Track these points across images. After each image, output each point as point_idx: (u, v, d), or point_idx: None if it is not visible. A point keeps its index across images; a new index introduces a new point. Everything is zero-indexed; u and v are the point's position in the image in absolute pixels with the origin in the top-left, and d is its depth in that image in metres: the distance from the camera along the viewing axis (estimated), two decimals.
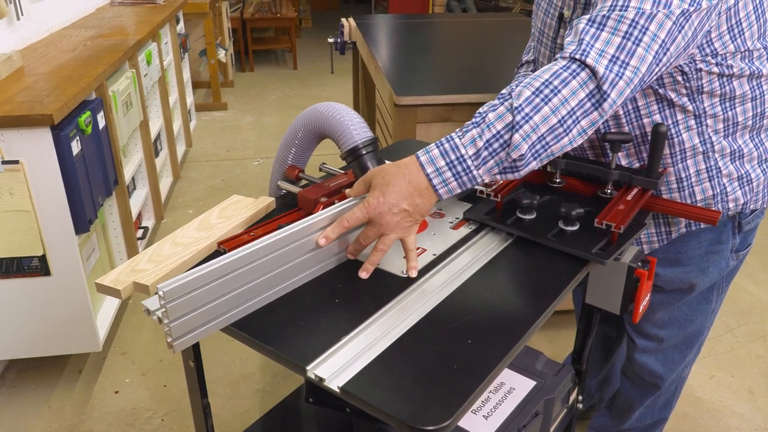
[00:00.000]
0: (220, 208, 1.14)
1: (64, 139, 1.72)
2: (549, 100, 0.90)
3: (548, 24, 1.24)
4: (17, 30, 2.37)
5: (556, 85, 0.90)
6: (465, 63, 2.39)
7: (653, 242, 1.26)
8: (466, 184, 0.93)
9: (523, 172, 0.93)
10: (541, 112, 0.90)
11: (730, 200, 1.20)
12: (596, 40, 0.92)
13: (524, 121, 0.90)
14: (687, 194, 1.18)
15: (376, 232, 0.94)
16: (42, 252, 1.77)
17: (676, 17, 0.93)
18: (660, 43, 0.92)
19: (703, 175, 1.17)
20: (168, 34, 3.45)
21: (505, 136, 0.91)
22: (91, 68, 2.11)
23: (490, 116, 0.92)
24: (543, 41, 1.27)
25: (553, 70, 0.92)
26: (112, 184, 2.16)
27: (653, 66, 0.93)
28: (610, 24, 0.92)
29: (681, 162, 1.15)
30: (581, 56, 0.91)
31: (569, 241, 1.02)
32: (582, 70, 0.91)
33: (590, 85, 0.90)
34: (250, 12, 6.05)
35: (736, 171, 1.18)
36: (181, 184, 3.54)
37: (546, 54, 1.27)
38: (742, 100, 1.12)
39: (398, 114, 1.84)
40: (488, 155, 0.91)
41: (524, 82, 0.93)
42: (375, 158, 1.10)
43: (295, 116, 1.19)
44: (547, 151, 0.92)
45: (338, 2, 9.88)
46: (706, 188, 1.18)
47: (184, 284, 0.77)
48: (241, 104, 5.01)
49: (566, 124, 0.91)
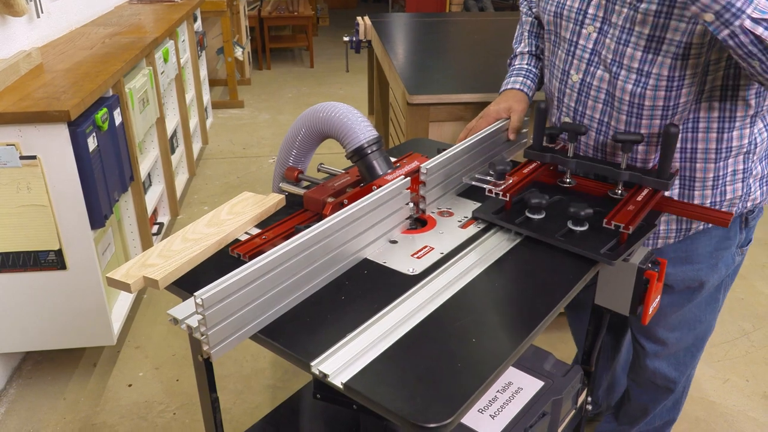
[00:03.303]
0: (231, 204, 1.15)
1: (81, 135, 1.75)
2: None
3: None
4: (37, 27, 2.40)
5: None
6: (479, 62, 2.39)
7: (670, 237, 1.24)
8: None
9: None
10: None
11: (750, 199, 1.19)
12: None
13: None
14: (719, 192, 1.17)
15: None
16: (58, 246, 1.79)
17: None
18: None
19: (738, 176, 1.16)
20: (185, 32, 3.48)
21: None
22: (108, 65, 2.14)
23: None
24: (563, 13, 1.19)
25: None
26: (128, 180, 2.18)
27: None
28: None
29: (723, 160, 1.14)
30: None
31: (578, 242, 1.01)
32: None
33: None
34: (267, 10, 6.08)
35: (762, 171, 1.18)
36: (197, 180, 3.57)
37: (569, 27, 1.17)
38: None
39: (411, 112, 1.84)
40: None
41: None
42: (381, 156, 1.10)
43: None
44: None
45: (356, 1, 9.89)
46: (737, 188, 1.17)
47: (221, 291, 0.77)
48: (258, 102, 5.04)
49: None
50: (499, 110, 1.33)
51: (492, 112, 1.34)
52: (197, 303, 0.75)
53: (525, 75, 1.38)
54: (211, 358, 0.80)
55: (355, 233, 0.98)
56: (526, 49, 1.42)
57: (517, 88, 1.37)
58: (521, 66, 1.40)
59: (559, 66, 1.23)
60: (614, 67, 1.12)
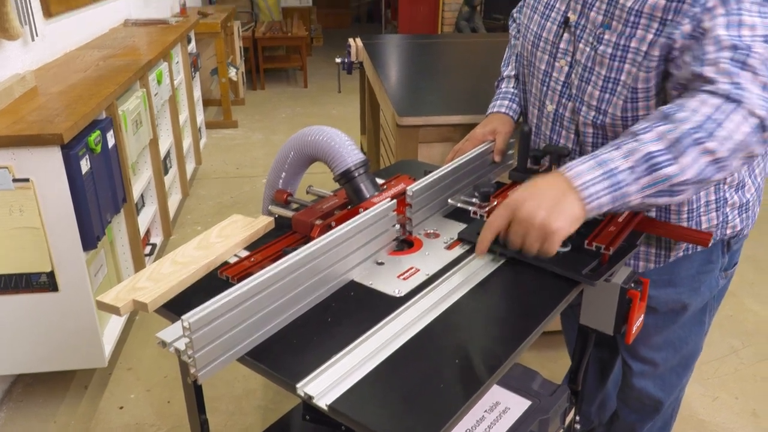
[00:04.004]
0: (220, 227, 1.17)
1: (74, 158, 1.76)
2: (714, 133, 0.89)
3: (547, 27, 1.21)
4: (31, 50, 2.43)
5: (720, 120, 0.89)
6: (469, 83, 2.42)
7: (650, 261, 1.27)
8: (617, 200, 0.90)
9: (678, 199, 0.92)
10: (708, 143, 0.89)
11: (729, 227, 1.22)
12: (744, 79, 0.91)
13: (692, 147, 0.89)
14: (694, 223, 1.20)
15: (521, 228, 0.93)
16: (50, 268, 1.80)
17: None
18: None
19: (711, 206, 1.19)
20: (179, 54, 3.52)
21: (666, 156, 0.89)
22: (102, 88, 2.16)
23: (647, 135, 0.91)
24: (539, 44, 1.24)
25: (712, 103, 0.91)
26: (121, 201, 2.20)
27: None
28: (752, 62, 0.91)
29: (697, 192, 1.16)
30: (737, 96, 0.90)
31: (560, 262, 1.03)
32: (740, 107, 0.90)
33: (753, 121, 0.90)
34: (261, 31, 6.14)
35: (739, 200, 1.20)
36: (190, 201, 3.59)
37: (544, 59, 1.23)
38: None
39: (400, 134, 1.87)
40: (645, 171, 0.89)
41: (682, 114, 0.91)
42: (368, 179, 1.12)
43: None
44: (705, 183, 0.92)
45: (349, 21, 10.00)
46: (711, 218, 1.20)
47: (208, 314, 0.78)
48: (252, 122, 5.08)
49: (729, 159, 0.90)
50: (485, 133, 1.36)
51: (478, 134, 1.37)
52: (184, 326, 0.76)
53: (510, 98, 1.41)
54: (198, 381, 0.81)
55: (342, 255, 0.99)
56: (513, 72, 1.45)
57: (502, 112, 1.40)
58: (507, 90, 1.43)
59: (536, 95, 1.27)
60: (577, 102, 1.17)
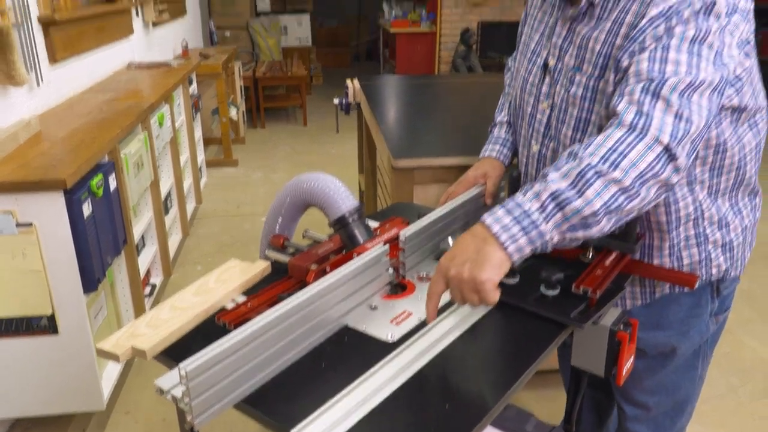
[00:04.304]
0: (219, 272, 1.19)
1: (76, 202, 1.80)
2: (618, 163, 0.93)
3: (533, 71, 1.28)
4: (37, 96, 2.49)
5: (624, 150, 0.93)
6: (464, 124, 2.48)
7: (636, 299, 1.29)
8: (535, 241, 0.93)
9: (595, 230, 0.94)
10: (612, 174, 0.92)
11: (713, 266, 1.24)
12: (654, 109, 0.96)
13: (595, 178, 0.92)
14: (675, 258, 1.22)
15: (456, 286, 0.95)
16: (51, 311, 1.82)
17: (717, 81, 0.99)
18: (707, 105, 0.98)
19: (691, 241, 1.21)
20: (181, 96, 3.60)
21: (570, 192, 0.92)
22: (104, 132, 2.21)
23: (553, 175, 0.95)
24: (527, 88, 1.30)
25: (616, 136, 0.95)
26: (121, 243, 2.23)
27: (709, 117, 0.99)
28: (664, 92, 0.97)
29: (675, 229, 1.20)
30: (644, 126, 0.95)
31: (550, 306, 1.06)
32: (645, 135, 0.94)
33: (657, 148, 0.94)
34: (262, 71, 6.26)
35: (721, 238, 1.23)
36: (191, 240, 3.62)
37: (530, 101, 1.29)
38: (729, 168, 1.18)
39: (395, 176, 1.91)
40: (554, 208, 0.93)
41: (587, 151, 0.95)
42: (362, 225, 1.16)
43: (304, 172, 1.25)
44: (619, 212, 0.94)
45: (349, 59, 10.18)
46: (693, 253, 1.22)
47: (204, 362, 0.80)
48: (252, 160, 5.14)
49: (637, 187, 0.93)
50: (476, 176, 1.41)
51: (470, 177, 1.41)
52: (181, 375, 0.79)
53: (502, 143, 1.46)
54: (195, 428, 0.82)
55: (336, 301, 1.02)
56: (506, 119, 1.51)
57: (494, 156, 1.44)
58: (499, 135, 1.48)
59: (525, 136, 1.32)
60: (555, 142, 1.23)
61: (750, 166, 1.21)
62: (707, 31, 1.00)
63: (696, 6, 1.01)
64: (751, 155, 1.20)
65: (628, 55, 1.06)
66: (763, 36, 6.73)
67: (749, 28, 1.09)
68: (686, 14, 1.01)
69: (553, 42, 1.22)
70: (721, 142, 1.14)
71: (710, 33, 1.00)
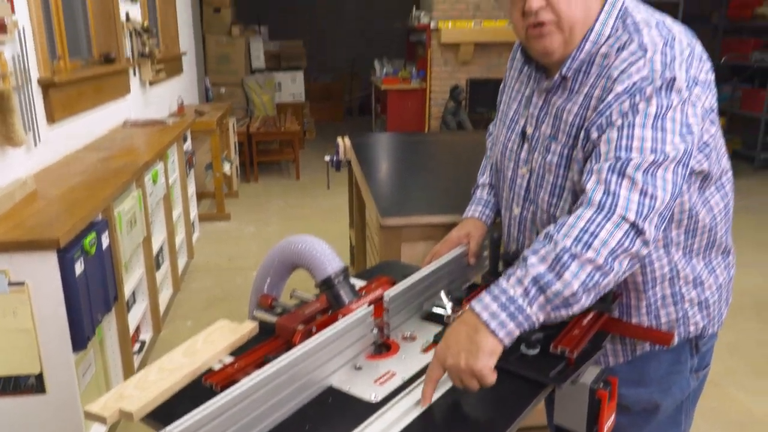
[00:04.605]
0: (207, 333, 1.22)
1: (69, 261, 1.83)
2: (590, 244, 1.00)
3: (512, 139, 1.34)
4: (34, 155, 2.55)
5: (594, 230, 1.01)
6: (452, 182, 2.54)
7: (618, 356, 1.32)
8: (523, 324, 1.01)
9: (577, 308, 1.02)
10: (586, 254, 1.00)
11: (691, 324, 1.28)
12: (620, 188, 1.03)
13: (571, 261, 1.00)
14: (653, 317, 1.26)
15: (455, 374, 1.01)
16: (39, 370, 1.83)
17: (681, 153, 1.06)
18: (672, 179, 1.05)
19: (668, 300, 1.26)
20: (175, 153, 3.67)
21: (549, 275, 1.00)
22: (99, 190, 2.26)
23: (532, 259, 1.02)
24: (507, 154, 1.36)
25: (586, 217, 1.03)
26: (112, 300, 2.24)
27: (675, 189, 1.06)
28: (629, 171, 1.04)
29: (652, 288, 1.24)
30: (611, 206, 1.02)
31: (530, 365, 1.09)
32: (613, 214, 1.02)
33: (625, 225, 1.01)
34: (256, 126, 6.38)
35: (697, 297, 1.27)
36: (182, 294, 3.63)
37: (510, 166, 1.35)
38: (702, 230, 1.24)
39: (383, 234, 1.95)
40: (537, 292, 1.00)
41: (561, 233, 1.02)
42: (347, 286, 1.19)
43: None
44: (596, 288, 1.02)
45: (342, 114, 10.39)
46: (670, 312, 1.26)
47: (189, 426, 0.82)
48: (245, 214, 5.19)
49: (610, 263, 1.01)
50: (460, 236, 1.46)
51: (453, 238, 1.46)
52: None
53: (484, 204, 1.51)
54: None
55: (322, 362, 1.05)
56: (488, 180, 1.57)
57: (476, 217, 1.49)
58: (482, 196, 1.54)
59: (506, 199, 1.38)
60: (534, 206, 1.28)
61: (721, 227, 1.27)
62: (669, 105, 1.07)
63: (657, 83, 1.08)
64: (720, 216, 1.26)
65: (596, 127, 1.13)
66: (743, 92, 6.95)
67: (712, 97, 1.16)
68: (648, 91, 1.08)
69: (531, 112, 1.30)
70: (693, 205, 1.20)
71: (672, 107, 1.07)
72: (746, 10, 6.97)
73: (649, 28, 1.15)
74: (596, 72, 1.17)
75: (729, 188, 1.26)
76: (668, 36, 1.13)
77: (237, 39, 7.14)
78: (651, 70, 1.09)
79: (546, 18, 1.15)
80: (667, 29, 1.15)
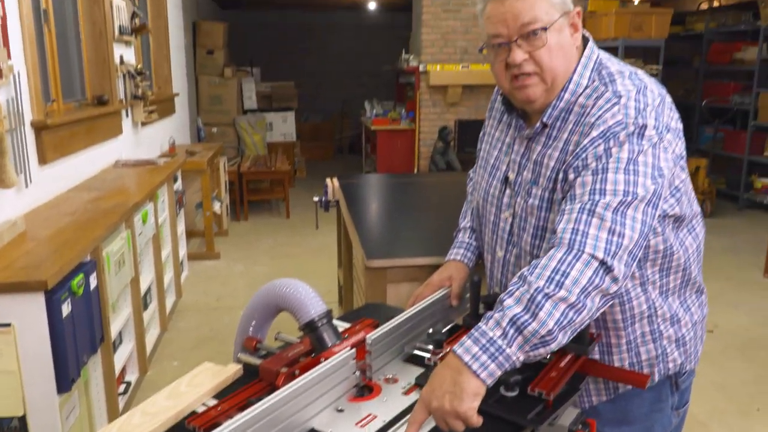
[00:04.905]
0: (191, 376, 1.23)
1: (56, 302, 1.84)
2: (562, 283, 1.04)
3: (494, 184, 1.40)
4: (24, 196, 2.57)
5: (565, 270, 1.05)
6: (437, 223, 2.58)
7: (601, 395, 1.34)
8: (504, 364, 1.04)
9: (554, 345, 1.06)
10: (558, 293, 1.04)
11: (669, 360, 1.31)
12: (589, 227, 1.08)
13: (544, 300, 1.04)
14: (633, 354, 1.30)
15: (439, 416, 1.04)
16: (23, 412, 1.82)
17: (650, 194, 1.11)
18: (642, 218, 1.10)
19: (647, 337, 1.29)
20: (165, 193, 3.70)
21: (525, 316, 1.04)
22: (88, 232, 2.28)
23: (508, 301, 1.07)
24: (489, 199, 1.42)
25: (557, 257, 1.08)
26: (98, 341, 2.24)
27: (644, 228, 1.11)
28: (599, 210, 1.09)
29: (631, 325, 1.28)
30: (580, 245, 1.07)
31: (509, 407, 1.11)
32: (582, 253, 1.07)
33: (594, 263, 1.06)
34: (246, 166, 6.44)
35: (675, 334, 1.31)
36: (169, 334, 3.61)
37: (492, 211, 1.40)
38: (676, 269, 1.28)
39: (368, 275, 1.98)
40: (515, 333, 1.04)
41: (534, 274, 1.07)
42: (330, 329, 1.22)
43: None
44: (572, 325, 1.06)
45: (332, 152, 10.50)
46: (649, 349, 1.30)
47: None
48: (234, 252, 5.20)
49: (582, 300, 1.05)
50: (442, 279, 1.49)
51: (435, 280, 1.49)
52: None
53: (466, 248, 1.55)
54: None
55: (304, 404, 1.06)
56: (469, 224, 1.61)
57: (458, 259, 1.53)
58: (463, 239, 1.58)
59: (489, 243, 1.42)
60: (517, 249, 1.33)
61: (694, 267, 1.32)
62: (640, 150, 1.13)
63: (630, 128, 1.14)
64: (693, 256, 1.31)
65: (573, 170, 1.18)
66: (726, 134, 7.12)
67: (681, 144, 1.22)
68: (622, 136, 1.14)
69: (512, 158, 1.35)
70: (667, 246, 1.25)
71: (643, 151, 1.13)
72: (725, 56, 7.19)
73: (623, 77, 1.22)
74: (574, 119, 1.23)
75: (699, 230, 1.32)
76: (640, 85, 1.20)
77: (229, 80, 7.26)
78: (625, 115, 1.15)
79: (529, 69, 1.22)
80: (639, 79, 1.22)
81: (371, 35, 10.91)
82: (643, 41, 6.05)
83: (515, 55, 1.21)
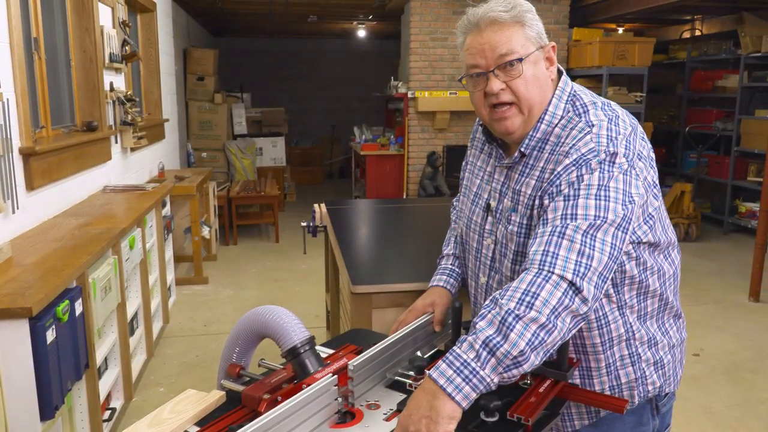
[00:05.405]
0: (174, 402, 1.24)
1: (40, 329, 1.84)
2: (532, 304, 1.07)
3: (476, 212, 1.43)
4: (11, 222, 2.57)
5: (535, 291, 1.08)
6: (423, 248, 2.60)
7: (584, 419, 1.36)
8: (478, 386, 1.06)
9: (527, 366, 1.08)
10: (529, 314, 1.06)
11: (648, 383, 1.33)
12: (559, 249, 1.11)
13: (515, 321, 1.06)
14: (613, 377, 1.32)
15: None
16: None
17: (620, 219, 1.14)
18: (611, 241, 1.13)
19: (626, 360, 1.32)
20: (153, 218, 3.71)
21: (497, 338, 1.06)
22: (75, 258, 2.28)
23: (480, 324, 1.09)
24: (471, 226, 1.45)
25: (527, 279, 1.10)
26: (83, 367, 2.23)
27: (613, 251, 1.13)
28: (569, 233, 1.12)
29: (609, 349, 1.30)
30: (550, 266, 1.10)
31: None
32: (552, 274, 1.09)
33: (563, 284, 1.09)
34: (236, 190, 6.46)
35: (653, 357, 1.33)
36: (155, 360, 3.59)
37: (475, 238, 1.44)
38: (653, 293, 1.31)
39: (354, 300, 1.99)
40: (487, 355, 1.06)
41: (506, 296, 1.10)
42: (313, 355, 1.23)
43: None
44: (543, 345, 1.08)
45: (322, 177, 10.54)
46: (629, 372, 1.32)
47: None
48: (223, 277, 5.19)
49: (552, 321, 1.07)
50: (425, 305, 1.51)
51: (418, 306, 1.51)
52: None
53: (449, 274, 1.58)
54: None
55: (286, 431, 1.07)
56: (452, 251, 1.64)
57: (441, 285, 1.55)
58: (446, 266, 1.61)
59: (472, 269, 1.44)
60: (499, 275, 1.36)
61: (670, 292, 1.35)
62: (610, 177, 1.17)
63: (601, 156, 1.18)
64: (669, 282, 1.34)
65: (547, 195, 1.22)
66: (710, 159, 7.23)
67: (654, 173, 1.26)
68: (593, 164, 1.18)
69: (493, 186, 1.39)
70: (642, 270, 1.28)
71: (614, 178, 1.17)
72: (707, 83, 7.35)
73: (596, 108, 1.26)
74: (550, 149, 1.27)
75: (675, 256, 1.35)
76: (612, 115, 1.25)
77: (219, 106, 7.31)
78: (597, 143, 1.19)
79: (506, 99, 1.26)
80: (611, 110, 1.27)
81: (361, 62, 11.06)
82: (626, 69, 6.18)
83: (493, 84, 1.25)
